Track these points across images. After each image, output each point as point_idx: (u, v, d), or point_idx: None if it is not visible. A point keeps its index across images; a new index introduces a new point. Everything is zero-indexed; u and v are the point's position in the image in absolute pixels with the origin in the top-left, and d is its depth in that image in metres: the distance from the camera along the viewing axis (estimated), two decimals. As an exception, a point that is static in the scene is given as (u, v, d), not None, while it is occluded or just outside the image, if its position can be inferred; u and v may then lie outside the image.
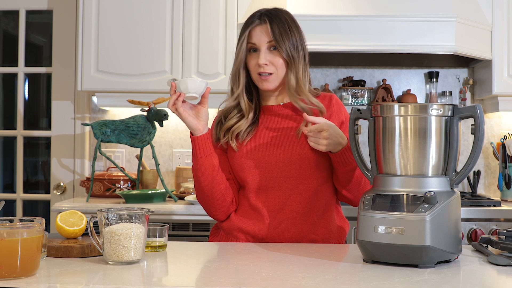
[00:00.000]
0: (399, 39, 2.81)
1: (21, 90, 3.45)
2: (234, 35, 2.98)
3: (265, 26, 1.73)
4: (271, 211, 1.73)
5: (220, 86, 2.98)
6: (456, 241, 1.38)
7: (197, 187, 1.76)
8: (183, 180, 3.11)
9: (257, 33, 1.74)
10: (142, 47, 3.00)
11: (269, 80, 1.74)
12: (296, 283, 1.18)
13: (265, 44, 1.73)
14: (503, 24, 2.97)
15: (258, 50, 1.74)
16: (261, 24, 1.74)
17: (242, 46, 1.75)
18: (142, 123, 2.82)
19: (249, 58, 1.76)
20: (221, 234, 1.81)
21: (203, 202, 1.78)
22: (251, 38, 1.74)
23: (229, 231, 1.77)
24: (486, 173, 3.31)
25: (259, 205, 1.74)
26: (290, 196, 1.73)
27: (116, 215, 1.36)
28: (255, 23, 1.75)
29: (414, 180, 1.39)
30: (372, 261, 1.38)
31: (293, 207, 1.72)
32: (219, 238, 1.81)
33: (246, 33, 1.75)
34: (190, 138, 1.71)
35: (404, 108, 1.42)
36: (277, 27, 1.73)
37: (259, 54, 1.73)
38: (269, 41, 1.73)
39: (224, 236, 1.79)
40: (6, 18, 3.67)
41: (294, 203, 1.72)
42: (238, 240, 1.75)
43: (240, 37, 1.77)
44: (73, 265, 1.33)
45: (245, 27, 1.76)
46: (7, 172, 3.70)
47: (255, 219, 1.74)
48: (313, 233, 1.73)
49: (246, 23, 1.77)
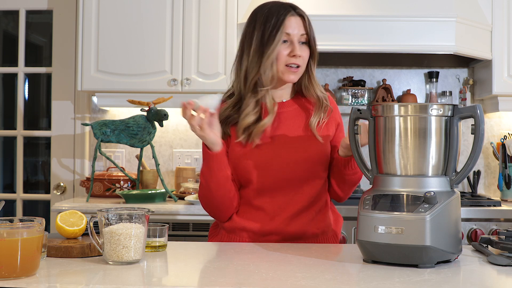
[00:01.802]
0: (399, 39, 2.81)
1: (21, 90, 3.45)
2: (234, 35, 2.98)
3: (298, 19, 1.71)
4: (274, 210, 1.72)
5: (220, 86, 2.98)
6: (456, 241, 1.38)
7: (206, 195, 1.73)
8: (183, 180, 3.11)
9: (292, 24, 1.69)
10: (142, 47, 3.00)
11: (297, 72, 1.72)
12: (296, 283, 1.18)
13: (298, 37, 1.70)
14: (503, 24, 2.97)
15: (288, 41, 1.70)
16: (294, 15, 1.71)
17: (277, 36, 1.68)
18: (142, 123, 2.82)
19: (279, 48, 1.70)
20: (222, 233, 1.80)
21: (208, 207, 1.76)
22: (286, 28, 1.69)
23: (231, 230, 1.76)
24: (486, 173, 3.31)
25: (261, 205, 1.73)
26: (295, 196, 1.72)
27: (116, 215, 1.36)
28: (290, 13, 1.70)
29: (414, 180, 1.39)
30: (372, 261, 1.38)
31: (296, 206, 1.72)
32: (220, 238, 1.80)
33: (280, 23, 1.69)
34: (206, 153, 1.68)
35: (404, 108, 1.42)
36: (308, 20, 1.72)
37: (292, 45, 1.69)
38: (301, 34, 1.70)
39: (226, 235, 1.78)
40: (6, 18, 3.67)
41: (297, 202, 1.72)
42: (241, 238, 1.75)
43: (268, 23, 1.70)
44: (73, 265, 1.33)
45: (277, 16, 1.70)
46: (7, 172, 3.70)
47: (257, 218, 1.73)
48: (314, 227, 1.74)
49: (277, 12, 1.70)
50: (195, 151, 3.34)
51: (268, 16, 1.70)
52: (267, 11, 1.72)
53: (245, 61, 1.73)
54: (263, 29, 1.70)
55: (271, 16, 1.70)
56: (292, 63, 1.69)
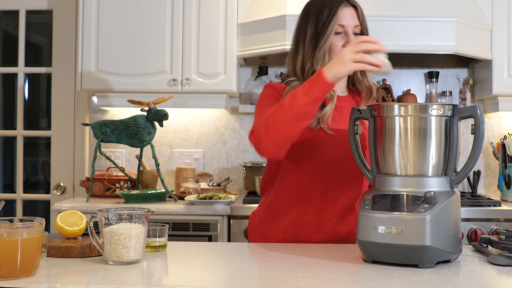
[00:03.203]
0: (399, 39, 2.81)
1: (21, 90, 3.45)
2: (234, 35, 2.98)
3: (352, 9, 1.69)
4: (323, 204, 1.70)
5: (220, 86, 2.99)
6: (456, 241, 1.38)
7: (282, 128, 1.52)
8: (183, 180, 3.11)
9: (346, 16, 1.68)
10: (142, 47, 3.00)
11: None
12: (296, 283, 1.18)
13: (352, 28, 1.69)
14: (503, 24, 2.97)
15: (343, 32, 1.69)
16: (348, 6, 1.69)
17: (329, 27, 1.66)
18: (142, 123, 2.82)
19: (333, 39, 1.68)
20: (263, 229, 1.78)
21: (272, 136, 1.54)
22: (340, 19, 1.67)
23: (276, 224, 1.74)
24: (486, 173, 3.31)
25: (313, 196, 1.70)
26: (345, 192, 1.70)
27: (116, 215, 1.36)
28: (343, 4, 1.69)
29: (414, 180, 1.39)
30: (372, 261, 1.38)
31: (345, 202, 1.69)
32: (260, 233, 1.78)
33: (333, 14, 1.67)
34: (321, 81, 1.45)
35: (404, 108, 1.42)
36: (361, 12, 1.71)
37: (347, 37, 1.68)
38: (356, 26, 1.69)
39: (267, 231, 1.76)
40: (6, 18, 3.67)
41: (347, 199, 1.69)
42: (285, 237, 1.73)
43: (321, 14, 1.68)
44: (73, 265, 1.33)
45: (330, 7, 1.68)
46: (7, 172, 3.70)
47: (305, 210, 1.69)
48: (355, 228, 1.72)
49: (330, 3, 1.68)
50: (195, 151, 3.34)
51: (321, 7, 1.69)
52: (320, 2, 1.71)
53: (300, 53, 1.72)
54: (316, 21, 1.69)
55: (324, 7, 1.69)
56: None
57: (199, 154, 3.33)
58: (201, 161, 3.33)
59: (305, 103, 1.47)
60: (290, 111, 1.49)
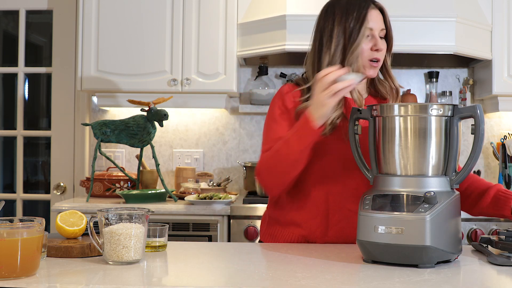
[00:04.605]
0: (399, 39, 2.77)
1: (21, 90, 3.45)
2: (234, 35, 2.98)
3: (378, 12, 1.69)
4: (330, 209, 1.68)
5: (220, 86, 2.99)
6: (456, 241, 1.38)
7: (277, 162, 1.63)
8: (183, 180, 3.11)
9: (373, 18, 1.67)
10: (142, 47, 3.00)
11: (377, 67, 1.71)
12: (296, 283, 1.18)
13: (379, 31, 1.68)
14: (503, 24, 2.97)
15: (370, 35, 1.67)
16: (375, 8, 1.68)
17: (361, 30, 1.65)
18: (142, 123, 2.82)
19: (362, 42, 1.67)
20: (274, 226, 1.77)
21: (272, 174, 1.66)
22: (368, 22, 1.66)
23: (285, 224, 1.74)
24: (486, 173, 3.31)
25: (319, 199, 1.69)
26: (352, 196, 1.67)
27: (116, 215, 1.36)
28: (371, 6, 1.67)
29: (414, 180, 1.39)
30: (372, 261, 1.38)
31: (352, 206, 1.65)
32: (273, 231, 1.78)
33: (363, 16, 1.65)
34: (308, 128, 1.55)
35: (404, 108, 1.42)
36: (386, 13, 1.70)
37: (374, 40, 1.67)
38: (382, 29, 1.69)
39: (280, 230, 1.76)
40: (6, 18, 3.67)
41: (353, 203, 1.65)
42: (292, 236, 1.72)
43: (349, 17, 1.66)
44: (73, 265, 1.33)
45: (358, 9, 1.66)
46: (7, 172, 3.70)
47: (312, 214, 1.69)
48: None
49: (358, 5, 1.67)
50: (195, 151, 3.34)
51: (348, 9, 1.67)
52: (345, 3, 1.68)
53: (326, 56, 1.68)
54: (344, 23, 1.66)
55: (351, 9, 1.67)
56: (374, 58, 1.67)
57: (199, 154, 3.33)
58: (201, 161, 3.33)
59: (299, 150, 1.58)
60: (287, 158, 1.60)
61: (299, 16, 2.81)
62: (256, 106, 3.21)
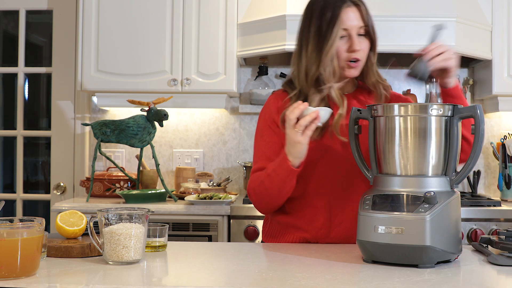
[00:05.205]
0: (399, 39, 2.81)
1: (21, 90, 3.45)
2: (234, 35, 2.98)
3: (355, 9, 1.64)
4: (332, 210, 1.67)
5: (220, 86, 2.98)
6: (456, 241, 1.38)
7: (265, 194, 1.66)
8: (183, 180, 3.11)
9: (348, 17, 1.62)
10: (142, 47, 3.00)
11: (357, 67, 1.67)
12: (296, 283, 1.18)
13: (356, 29, 1.64)
14: (503, 24, 2.97)
15: (347, 35, 1.64)
16: (350, 6, 1.63)
17: (334, 31, 1.61)
18: (142, 123, 2.82)
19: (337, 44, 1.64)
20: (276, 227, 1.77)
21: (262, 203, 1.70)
22: (343, 23, 1.62)
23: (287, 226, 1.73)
24: (486, 173, 3.31)
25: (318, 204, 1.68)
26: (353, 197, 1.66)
27: (116, 215, 1.36)
28: (345, 4, 1.63)
29: (414, 180, 1.39)
30: (372, 261, 1.38)
31: (354, 207, 1.63)
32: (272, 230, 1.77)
33: (336, 17, 1.61)
34: (287, 167, 1.57)
35: (404, 108, 1.42)
36: (366, 9, 1.65)
37: (351, 40, 1.63)
38: (360, 26, 1.64)
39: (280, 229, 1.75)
40: (6, 18, 3.67)
41: (355, 202, 1.63)
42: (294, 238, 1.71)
43: (324, 17, 1.62)
44: (73, 265, 1.33)
45: (332, 8, 1.62)
46: (7, 172, 3.70)
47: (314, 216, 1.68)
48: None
49: (332, 4, 1.63)
50: (195, 151, 3.34)
51: (323, 8, 1.64)
52: (322, 3, 1.65)
53: (304, 57, 1.67)
54: (319, 24, 1.64)
55: (326, 8, 1.63)
56: (353, 58, 1.64)
57: (199, 154, 3.33)
58: (201, 161, 3.33)
59: (280, 184, 1.61)
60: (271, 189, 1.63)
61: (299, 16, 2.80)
62: (256, 106, 3.21)
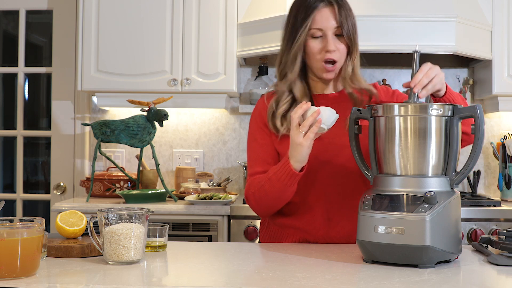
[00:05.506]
0: (399, 39, 2.81)
1: (21, 90, 3.45)
2: (234, 35, 2.98)
3: (332, 9, 1.60)
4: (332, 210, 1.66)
5: (220, 86, 2.98)
6: (456, 241, 1.38)
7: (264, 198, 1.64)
8: (183, 180, 3.11)
9: (323, 17, 1.59)
10: (142, 47, 3.00)
11: (333, 70, 1.65)
12: (296, 283, 1.18)
13: (332, 30, 1.60)
14: (503, 24, 2.97)
15: (322, 35, 1.61)
16: (326, 6, 1.60)
17: (304, 29, 1.59)
18: (142, 123, 2.82)
19: (311, 44, 1.62)
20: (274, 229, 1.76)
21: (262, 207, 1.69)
22: (316, 23, 1.59)
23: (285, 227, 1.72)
24: (486, 173, 3.31)
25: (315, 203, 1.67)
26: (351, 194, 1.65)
27: (116, 215, 1.36)
28: (321, 5, 1.60)
29: (414, 180, 1.39)
30: (372, 261, 1.38)
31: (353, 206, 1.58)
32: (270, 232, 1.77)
33: (310, 15, 1.59)
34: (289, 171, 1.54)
35: (404, 108, 1.42)
36: (343, 10, 1.60)
37: (325, 40, 1.61)
38: (336, 27, 1.60)
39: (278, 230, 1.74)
40: (6, 18, 3.67)
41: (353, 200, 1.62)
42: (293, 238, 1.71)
43: (298, 16, 1.61)
44: (73, 265, 1.33)
45: (307, 8, 1.60)
46: (7, 172, 3.70)
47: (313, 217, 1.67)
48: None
49: (308, 3, 1.60)
50: (195, 151, 3.34)
51: (299, 7, 1.63)
52: (300, 2, 1.63)
53: (283, 57, 1.68)
54: (293, 22, 1.63)
55: (302, 7, 1.62)
56: (328, 58, 1.62)
57: (199, 154, 3.33)
58: (201, 161, 3.33)
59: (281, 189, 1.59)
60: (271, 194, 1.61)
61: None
62: (256, 106, 3.21)
